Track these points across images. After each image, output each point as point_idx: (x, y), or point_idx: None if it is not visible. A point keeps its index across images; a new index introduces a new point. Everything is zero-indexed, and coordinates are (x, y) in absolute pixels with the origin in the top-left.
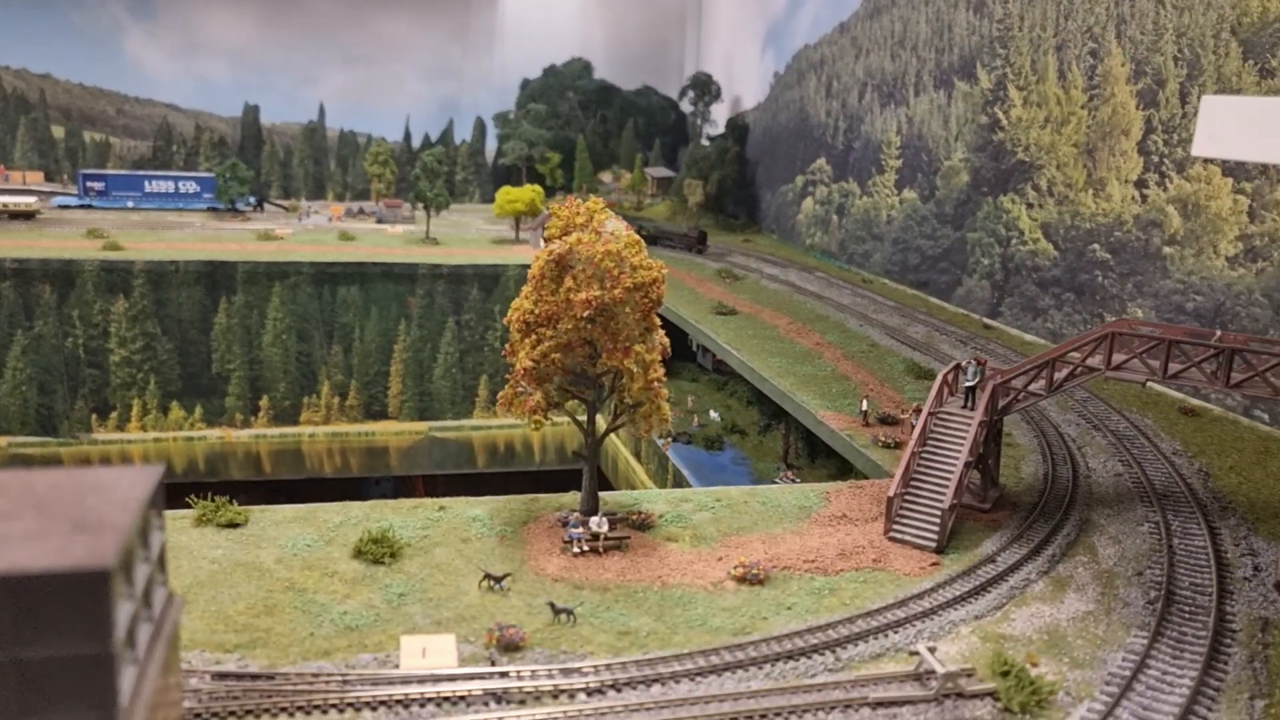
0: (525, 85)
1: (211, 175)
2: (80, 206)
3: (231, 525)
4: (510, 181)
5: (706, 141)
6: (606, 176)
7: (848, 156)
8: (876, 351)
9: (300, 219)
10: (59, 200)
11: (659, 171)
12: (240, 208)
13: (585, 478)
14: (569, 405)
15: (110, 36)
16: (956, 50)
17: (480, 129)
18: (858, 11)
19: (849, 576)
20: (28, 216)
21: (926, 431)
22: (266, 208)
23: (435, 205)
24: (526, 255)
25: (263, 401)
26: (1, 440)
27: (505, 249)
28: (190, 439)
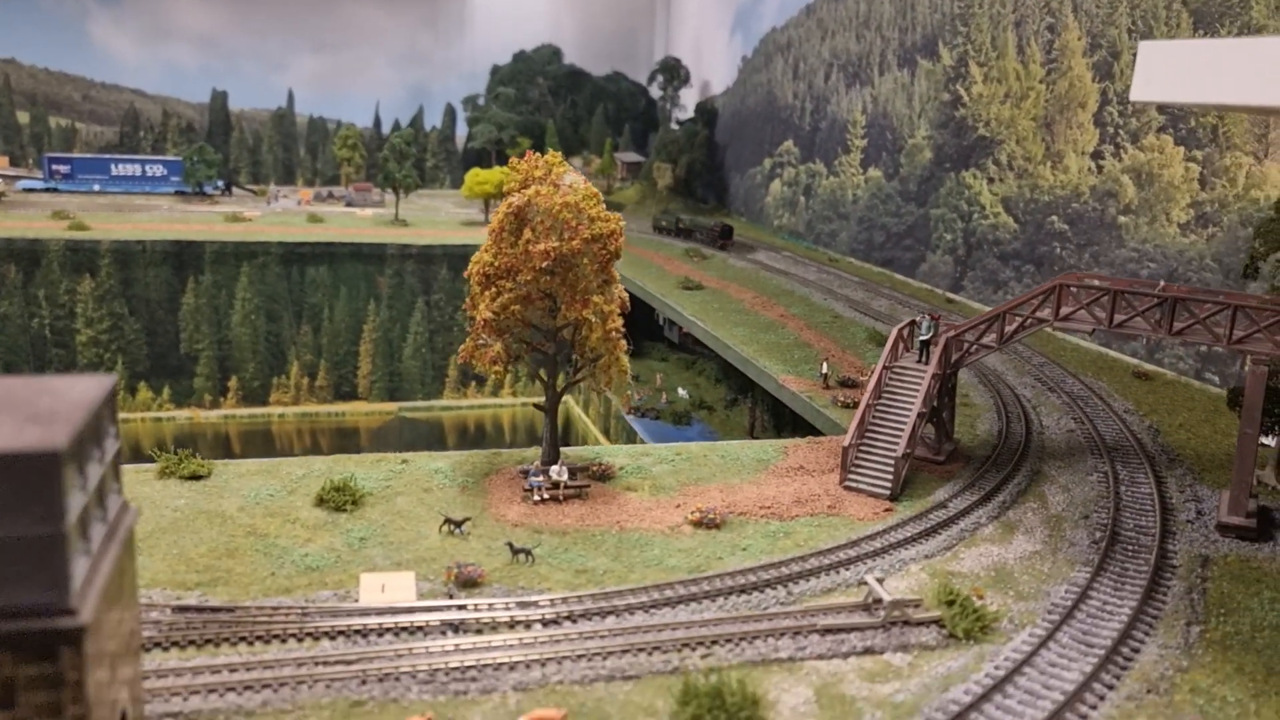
0: (495, 71)
1: (179, 159)
2: (46, 190)
3: (195, 477)
4: (480, 166)
5: (676, 126)
6: (576, 161)
7: (814, 137)
8: (840, 322)
9: (269, 203)
10: (24, 184)
11: (629, 156)
12: (208, 191)
13: (546, 430)
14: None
15: (76, 21)
16: (920, 29)
17: (450, 115)
18: None
19: (804, 521)
20: None
21: (881, 385)
22: (235, 192)
23: (404, 187)
24: None
25: (231, 382)
26: None
27: (475, 230)
28: (158, 419)
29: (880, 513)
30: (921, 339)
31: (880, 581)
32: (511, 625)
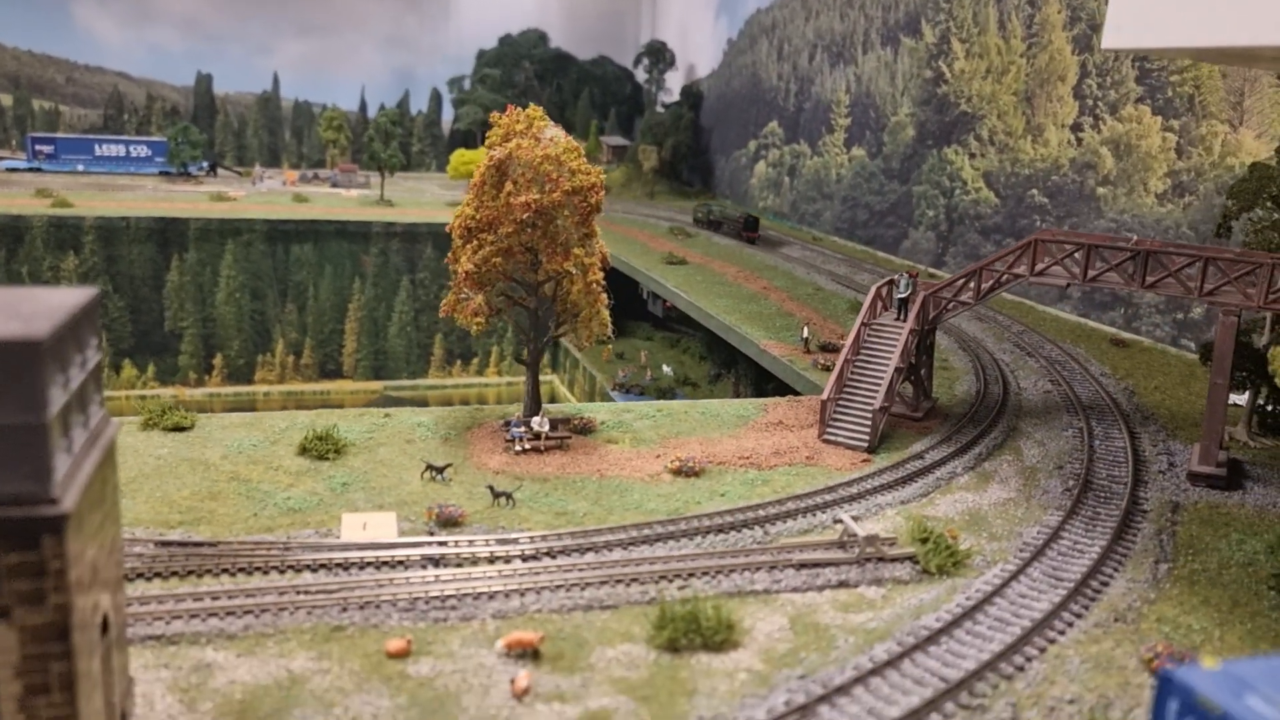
0: (481, 55)
1: (163, 140)
2: (29, 170)
3: (178, 429)
4: (466, 148)
5: (661, 109)
6: None
7: (799, 118)
8: (822, 294)
9: (254, 183)
10: (7, 164)
11: (615, 140)
12: (193, 172)
13: (528, 383)
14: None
15: (59, 2)
16: (902, 6)
17: (436, 100)
18: None
19: (782, 470)
20: None
21: (860, 341)
22: (220, 173)
23: (389, 167)
24: None
25: (216, 360)
26: None
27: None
28: (143, 397)
29: (858, 463)
30: (900, 297)
31: (856, 520)
32: (491, 560)
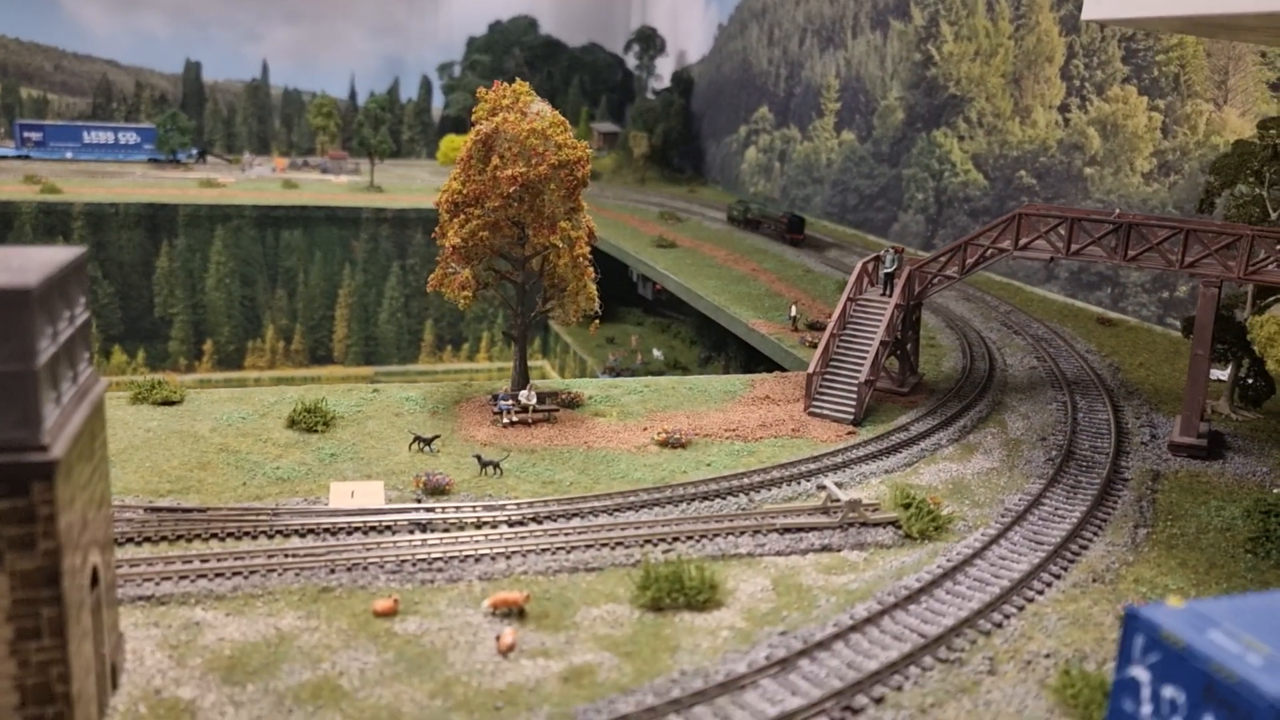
0: (471, 42)
1: (152, 126)
2: (17, 157)
3: (167, 403)
4: (456, 134)
5: (652, 95)
6: None
7: (789, 103)
8: (811, 276)
9: (244, 170)
10: None
11: (605, 126)
12: (182, 159)
13: (515, 357)
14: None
15: None
16: None
17: (426, 87)
18: None
19: (768, 443)
20: None
21: (846, 316)
22: (209, 159)
23: (379, 153)
24: None
25: (206, 346)
26: None
27: None
28: (133, 383)
29: (843, 435)
30: (886, 272)
31: (839, 486)
32: (478, 525)
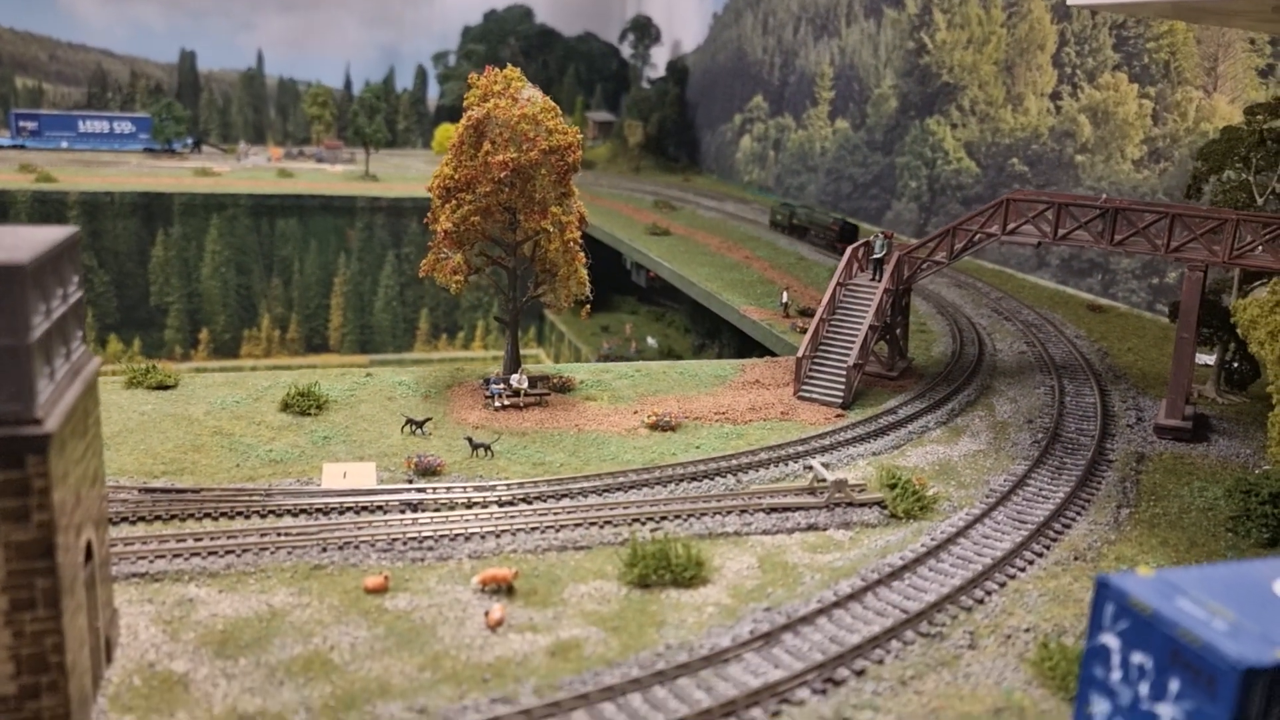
0: (466, 32)
1: (147, 116)
2: (12, 147)
3: (162, 387)
4: (452, 123)
5: (647, 84)
6: None
7: (783, 92)
8: (804, 263)
9: (239, 159)
10: None
11: (600, 115)
12: (177, 148)
13: (507, 342)
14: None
15: None
16: None
17: (421, 77)
18: None
19: (757, 425)
20: None
21: (835, 300)
22: (204, 149)
23: (374, 142)
24: None
25: (202, 334)
26: None
27: None
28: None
29: (831, 418)
30: (875, 257)
31: (826, 466)
32: (469, 505)
